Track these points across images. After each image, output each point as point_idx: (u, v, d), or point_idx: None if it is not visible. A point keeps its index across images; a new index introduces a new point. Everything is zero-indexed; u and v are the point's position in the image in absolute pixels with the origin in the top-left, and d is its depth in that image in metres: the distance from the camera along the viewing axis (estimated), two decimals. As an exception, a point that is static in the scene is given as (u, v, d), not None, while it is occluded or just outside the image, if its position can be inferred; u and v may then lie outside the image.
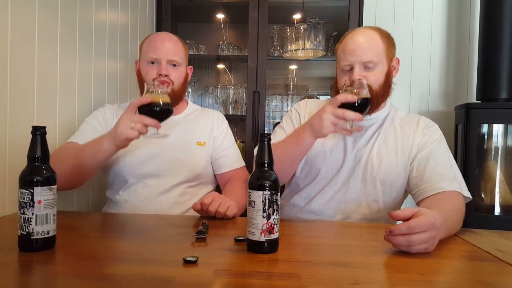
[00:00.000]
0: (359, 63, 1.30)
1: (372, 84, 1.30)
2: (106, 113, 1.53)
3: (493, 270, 0.84)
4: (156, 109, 1.14)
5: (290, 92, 2.89)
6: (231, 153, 1.60)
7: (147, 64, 1.48)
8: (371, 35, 1.32)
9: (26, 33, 1.29)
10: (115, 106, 1.58)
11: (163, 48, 1.47)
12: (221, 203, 1.21)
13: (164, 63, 1.47)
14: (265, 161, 0.90)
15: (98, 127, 1.47)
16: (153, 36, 1.53)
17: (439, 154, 1.30)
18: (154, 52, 1.46)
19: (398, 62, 1.39)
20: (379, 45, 1.32)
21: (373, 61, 1.29)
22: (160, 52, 1.46)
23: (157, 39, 1.49)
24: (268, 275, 0.76)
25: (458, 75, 2.57)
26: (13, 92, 1.23)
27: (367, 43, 1.30)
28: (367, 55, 1.29)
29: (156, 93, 1.15)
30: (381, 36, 1.33)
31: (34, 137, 0.86)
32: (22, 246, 0.85)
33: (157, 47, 1.47)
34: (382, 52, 1.32)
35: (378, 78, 1.31)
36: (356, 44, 1.31)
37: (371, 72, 1.30)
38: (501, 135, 2.21)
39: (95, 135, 1.35)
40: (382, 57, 1.32)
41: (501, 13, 2.12)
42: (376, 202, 1.36)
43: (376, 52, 1.30)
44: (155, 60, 1.47)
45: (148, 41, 1.51)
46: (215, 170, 1.60)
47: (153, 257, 0.86)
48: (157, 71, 1.46)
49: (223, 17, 2.82)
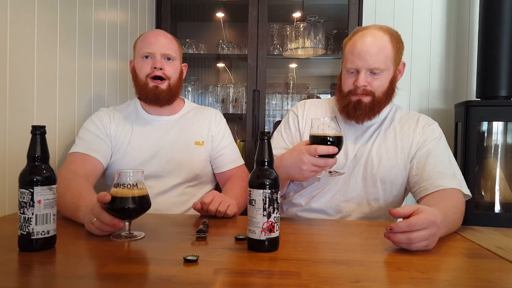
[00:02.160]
0: (365, 68, 1.27)
1: (376, 90, 1.29)
2: (103, 117, 1.50)
3: (493, 267, 0.84)
4: (126, 207, 0.95)
5: (290, 91, 2.89)
6: (230, 151, 1.59)
7: (141, 59, 1.47)
8: (382, 40, 1.28)
9: (26, 32, 1.29)
10: (111, 110, 1.55)
11: (157, 43, 1.46)
12: (221, 202, 1.21)
13: (159, 56, 1.45)
14: (265, 160, 0.90)
15: (98, 132, 1.45)
16: (146, 33, 1.52)
17: (438, 152, 1.30)
18: (148, 46, 1.46)
19: (404, 66, 1.37)
20: (388, 52, 1.28)
21: (380, 68, 1.27)
22: (154, 46, 1.45)
23: (151, 35, 1.49)
24: (268, 274, 0.76)
25: (458, 73, 2.57)
26: (13, 92, 1.23)
27: (376, 49, 1.26)
28: (375, 62, 1.26)
29: (128, 187, 0.96)
30: (391, 41, 1.29)
31: (34, 136, 0.86)
32: (22, 246, 0.85)
33: (151, 41, 1.46)
34: (390, 58, 1.29)
35: (382, 85, 1.30)
36: (365, 48, 1.27)
37: (376, 79, 1.29)
38: (501, 132, 2.21)
39: (97, 142, 1.42)
40: (390, 63, 1.29)
41: (501, 11, 2.12)
42: (377, 200, 1.36)
43: (384, 59, 1.27)
44: (149, 54, 1.46)
45: (142, 38, 1.50)
46: (214, 169, 1.59)
47: (154, 256, 0.86)
48: (151, 65, 1.45)
49: (223, 16, 2.82)
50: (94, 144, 1.41)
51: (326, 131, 1.09)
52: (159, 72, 1.45)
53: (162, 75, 1.46)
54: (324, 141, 1.09)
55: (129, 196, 0.95)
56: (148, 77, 1.46)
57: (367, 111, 1.31)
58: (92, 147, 1.40)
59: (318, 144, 1.10)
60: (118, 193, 0.94)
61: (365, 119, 1.34)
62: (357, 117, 1.33)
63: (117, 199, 0.94)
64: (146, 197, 0.98)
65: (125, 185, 0.95)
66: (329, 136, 1.09)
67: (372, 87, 1.29)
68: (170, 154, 1.48)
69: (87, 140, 1.42)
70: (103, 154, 1.42)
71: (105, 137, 1.46)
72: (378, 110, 1.33)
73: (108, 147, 1.45)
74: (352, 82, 1.30)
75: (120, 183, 0.95)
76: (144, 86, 1.47)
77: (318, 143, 1.10)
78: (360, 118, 1.33)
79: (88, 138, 1.43)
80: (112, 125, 1.49)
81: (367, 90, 1.29)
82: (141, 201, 0.96)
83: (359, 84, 1.28)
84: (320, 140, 1.10)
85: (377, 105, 1.31)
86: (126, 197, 0.94)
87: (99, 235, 0.98)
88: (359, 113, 1.31)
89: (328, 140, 1.09)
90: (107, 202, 0.93)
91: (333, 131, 1.09)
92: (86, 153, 1.38)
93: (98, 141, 1.43)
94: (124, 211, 0.95)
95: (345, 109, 1.34)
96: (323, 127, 1.10)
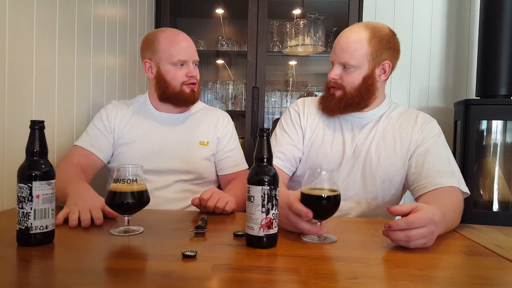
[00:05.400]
0: (337, 62, 1.32)
1: (346, 86, 1.32)
2: (111, 111, 1.53)
3: (491, 265, 0.84)
4: (125, 202, 0.96)
5: (290, 88, 2.88)
6: (235, 155, 1.59)
7: (173, 67, 1.46)
8: (358, 37, 1.30)
9: (25, 27, 1.29)
10: (120, 103, 1.59)
11: (189, 49, 1.47)
12: (220, 199, 1.21)
13: (192, 64, 1.48)
14: (264, 156, 0.89)
15: (103, 128, 1.49)
16: (171, 35, 1.48)
17: (437, 150, 1.30)
18: (182, 54, 1.45)
19: (389, 67, 1.33)
20: (362, 48, 1.29)
21: (350, 63, 1.29)
22: (187, 54, 1.46)
23: (181, 40, 1.47)
24: (267, 270, 0.76)
25: (458, 72, 2.57)
26: (12, 87, 1.23)
27: (349, 45, 1.30)
28: (345, 57, 1.30)
29: (127, 182, 0.97)
30: (370, 38, 1.29)
31: (33, 131, 0.86)
32: (21, 241, 0.85)
33: (183, 48, 1.46)
34: (364, 55, 1.29)
35: (353, 81, 1.32)
36: (340, 42, 1.33)
37: (347, 74, 1.32)
38: (500, 131, 2.21)
39: (100, 138, 1.47)
40: (363, 60, 1.30)
41: (501, 10, 2.12)
42: (375, 199, 1.36)
43: (356, 55, 1.29)
44: (184, 62, 1.47)
45: (169, 42, 1.46)
46: (218, 171, 1.59)
47: (152, 252, 0.86)
48: (186, 74, 1.47)
49: (222, 12, 2.81)
50: (97, 140, 1.47)
51: (321, 185, 0.96)
52: (195, 80, 1.49)
53: (195, 81, 1.50)
54: (310, 199, 0.95)
55: (128, 191, 0.96)
56: (183, 84, 1.48)
57: (337, 104, 1.35)
58: (94, 143, 1.46)
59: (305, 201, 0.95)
60: (117, 188, 0.96)
61: (337, 113, 1.37)
62: (328, 108, 1.37)
63: (116, 194, 0.95)
64: (145, 192, 0.99)
65: (124, 180, 0.96)
66: (314, 195, 0.94)
67: (342, 81, 1.32)
68: (173, 152, 1.49)
69: (91, 135, 1.47)
70: (104, 151, 1.48)
71: (108, 133, 1.49)
72: (352, 104, 1.34)
73: (110, 143, 1.50)
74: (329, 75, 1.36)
75: (120, 178, 0.97)
76: (180, 92, 1.48)
77: (305, 200, 0.95)
78: (330, 110, 1.37)
79: (92, 134, 1.48)
80: (118, 119, 1.52)
81: (337, 83, 1.34)
82: (140, 196, 0.97)
83: (329, 77, 1.34)
84: (305, 197, 0.95)
85: (349, 100, 1.33)
86: (125, 192, 0.95)
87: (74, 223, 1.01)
88: (330, 104, 1.36)
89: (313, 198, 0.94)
90: (107, 197, 0.97)
91: (327, 185, 0.95)
92: (87, 149, 1.44)
93: (101, 137, 1.48)
94: (123, 206, 0.96)
95: (322, 101, 1.40)
96: (316, 181, 0.96)
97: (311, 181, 0.96)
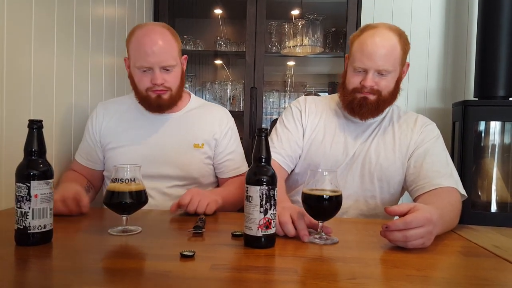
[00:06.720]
0: (374, 69, 1.27)
1: (382, 90, 1.29)
2: (95, 119, 1.48)
3: (489, 265, 0.84)
4: (123, 202, 0.96)
5: (288, 89, 2.89)
6: (235, 157, 1.51)
7: (138, 72, 1.34)
8: (392, 41, 1.27)
9: (23, 27, 1.28)
10: (107, 104, 1.52)
11: (154, 55, 1.30)
12: (200, 202, 1.16)
13: (158, 71, 1.32)
14: (262, 156, 0.89)
15: (90, 141, 1.49)
16: (139, 37, 1.33)
17: (436, 152, 1.31)
18: (144, 59, 1.31)
19: (408, 67, 1.37)
20: (397, 53, 1.28)
21: (388, 69, 1.27)
22: (151, 59, 1.30)
23: (146, 43, 1.30)
24: (265, 270, 0.76)
25: (456, 72, 2.57)
26: (9, 87, 1.22)
27: (386, 50, 1.26)
28: (384, 64, 1.26)
29: (126, 181, 0.97)
30: (400, 43, 1.29)
31: (31, 130, 0.86)
32: (19, 240, 0.85)
33: (147, 53, 1.30)
34: (398, 59, 1.29)
35: (389, 85, 1.30)
36: (376, 49, 1.25)
37: (383, 79, 1.29)
38: (498, 132, 2.22)
39: (90, 153, 1.49)
40: (397, 64, 1.29)
41: (499, 11, 2.12)
42: (374, 198, 1.36)
43: (393, 61, 1.27)
44: (147, 69, 1.33)
45: (136, 44, 1.33)
46: (217, 173, 1.52)
47: (150, 251, 0.86)
48: (151, 80, 1.33)
49: (221, 13, 2.81)
50: (88, 154, 1.49)
51: (322, 186, 0.96)
52: (160, 87, 1.34)
53: (163, 88, 1.35)
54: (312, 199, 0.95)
55: (126, 191, 0.96)
56: (148, 90, 1.36)
57: (372, 109, 1.31)
58: (88, 157, 1.49)
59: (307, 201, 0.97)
60: (115, 188, 0.96)
61: (369, 117, 1.34)
62: (361, 114, 1.33)
63: (114, 194, 0.96)
64: (143, 192, 0.99)
65: (122, 180, 0.97)
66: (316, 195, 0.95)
67: (379, 86, 1.29)
68: (165, 156, 1.42)
69: (83, 149, 1.50)
70: (97, 162, 1.49)
71: (94, 144, 1.48)
72: (382, 108, 1.34)
73: (100, 153, 1.49)
74: (358, 81, 1.30)
75: (118, 178, 0.97)
76: (146, 97, 1.37)
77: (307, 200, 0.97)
78: (364, 115, 1.33)
79: (83, 147, 1.50)
80: (104, 123, 1.47)
81: (373, 89, 1.29)
82: (138, 196, 0.98)
83: (367, 84, 1.27)
84: (307, 197, 0.96)
85: (382, 104, 1.31)
86: (123, 192, 0.96)
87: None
88: (364, 110, 1.31)
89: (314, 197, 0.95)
90: (105, 197, 0.97)
91: (329, 186, 0.95)
92: (83, 164, 1.49)
93: (90, 151, 1.49)
94: (121, 205, 0.96)
95: (349, 106, 1.34)
96: (317, 183, 0.97)
97: (312, 181, 0.97)
